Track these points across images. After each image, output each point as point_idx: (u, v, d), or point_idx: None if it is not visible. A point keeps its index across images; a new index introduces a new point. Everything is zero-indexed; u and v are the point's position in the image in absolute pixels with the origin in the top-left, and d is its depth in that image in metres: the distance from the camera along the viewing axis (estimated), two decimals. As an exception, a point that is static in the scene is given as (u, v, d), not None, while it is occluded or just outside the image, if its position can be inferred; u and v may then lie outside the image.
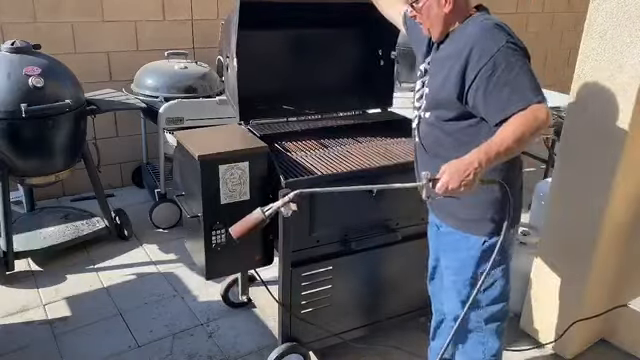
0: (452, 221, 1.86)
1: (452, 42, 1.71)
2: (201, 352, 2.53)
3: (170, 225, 3.66)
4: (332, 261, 2.25)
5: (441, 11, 1.68)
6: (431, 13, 1.70)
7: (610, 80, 2.17)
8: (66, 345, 2.55)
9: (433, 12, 1.70)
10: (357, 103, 2.76)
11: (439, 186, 1.51)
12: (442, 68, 1.71)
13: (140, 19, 4.06)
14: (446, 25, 1.71)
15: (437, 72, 1.75)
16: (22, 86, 2.76)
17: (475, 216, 1.78)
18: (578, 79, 2.28)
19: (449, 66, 1.66)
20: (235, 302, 2.84)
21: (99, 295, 2.95)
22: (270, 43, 2.60)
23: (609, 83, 2.17)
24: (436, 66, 1.77)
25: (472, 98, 1.61)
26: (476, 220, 1.79)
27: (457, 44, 1.67)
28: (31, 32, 3.62)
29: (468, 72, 1.60)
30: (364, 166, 2.23)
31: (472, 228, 1.80)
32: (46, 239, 3.20)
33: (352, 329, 2.42)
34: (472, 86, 1.60)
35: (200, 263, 2.21)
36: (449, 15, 1.69)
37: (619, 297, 2.57)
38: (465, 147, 1.57)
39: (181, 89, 3.55)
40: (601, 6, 2.15)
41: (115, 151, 4.17)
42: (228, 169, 2.04)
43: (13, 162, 2.90)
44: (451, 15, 1.69)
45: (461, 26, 1.70)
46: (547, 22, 6.46)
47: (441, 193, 1.51)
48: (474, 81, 1.59)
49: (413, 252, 2.41)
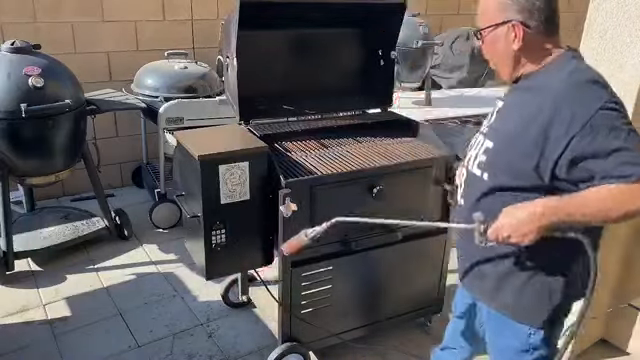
0: (496, 305, 1.55)
1: (529, 90, 1.40)
2: (201, 352, 2.53)
3: (170, 225, 3.66)
4: (332, 261, 2.25)
5: (509, 47, 1.39)
6: (497, 47, 1.43)
7: (610, 80, 2.16)
8: (66, 345, 2.55)
9: (499, 46, 1.42)
10: (357, 103, 2.76)
11: (490, 232, 1.33)
12: (512, 120, 1.41)
13: (140, 19, 4.07)
14: (516, 65, 1.42)
15: (505, 123, 1.45)
16: (22, 86, 2.76)
17: (526, 301, 1.47)
18: (578, 79, 2.28)
19: (523, 123, 1.35)
20: (235, 302, 2.84)
21: (99, 295, 2.95)
22: (270, 43, 2.60)
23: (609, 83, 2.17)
24: (505, 114, 1.48)
25: (561, 171, 1.30)
26: (525, 307, 1.48)
27: (536, 95, 1.35)
28: (31, 32, 3.62)
29: (553, 139, 1.28)
30: (364, 166, 2.23)
31: (520, 315, 1.50)
32: (46, 239, 3.20)
33: (352, 329, 2.42)
34: (561, 157, 1.28)
35: (200, 263, 2.20)
36: (518, 54, 1.40)
37: (619, 297, 2.57)
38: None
39: (181, 89, 3.55)
40: (601, 6, 2.15)
41: (115, 151, 4.17)
42: (228, 169, 2.04)
43: (13, 162, 2.90)
44: (521, 54, 1.40)
45: (541, 71, 1.41)
46: (547, 22, 6.44)
47: (493, 239, 1.34)
48: (564, 152, 1.27)
49: (413, 252, 2.41)
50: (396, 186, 2.25)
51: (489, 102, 4.44)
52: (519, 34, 1.38)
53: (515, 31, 1.38)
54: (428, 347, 2.29)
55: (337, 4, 2.56)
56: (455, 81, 5.13)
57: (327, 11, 2.58)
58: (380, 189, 2.18)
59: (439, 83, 5.18)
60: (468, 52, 5.02)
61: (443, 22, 5.54)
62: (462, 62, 5.08)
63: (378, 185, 2.18)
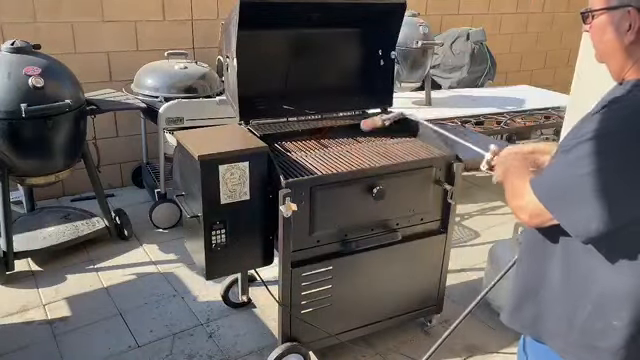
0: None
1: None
2: (201, 352, 2.53)
3: (170, 225, 3.66)
4: (332, 261, 2.25)
5: (620, 39, 1.14)
6: (606, 36, 1.18)
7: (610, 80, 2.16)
8: (66, 345, 2.55)
9: (608, 36, 1.17)
10: (357, 103, 2.76)
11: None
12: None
13: (140, 19, 4.06)
14: (625, 63, 1.17)
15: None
16: (22, 86, 2.76)
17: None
18: (578, 79, 2.28)
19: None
20: (235, 302, 2.84)
21: (99, 295, 2.95)
22: (270, 43, 2.60)
23: (609, 83, 2.17)
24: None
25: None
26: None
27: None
28: (31, 32, 3.62)
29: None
30: (364, 166, 2.23)
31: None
32: (46, 239, 3.20)
33: (352, 329, 2.42)
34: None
35: (200, 263, 2.20)
36: (631, 48, 1.15)
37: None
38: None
39: (181, 89, 3.55)
40: (601, 6, 2.15)
41: (115, 151, 4.17)
42: (228, 169, 2.04)
43: (13, 162, 2.90)
44: (635, 50, 1.15)
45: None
46: (547, 22, 6.46)
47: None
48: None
49: (413, 252, 2.42)
50: (396, 186, 2.25)
51: (489, 102, 4.48)
52: (635, 24, 1.12)
53: (631, 19, 1.12)
54: (428, 347, 2.29)
55: (337, 4, 2.56)
56: (455, 81, 5.13)
57: (327, 11, 2.57)
58: (380, 189, 2.18)
59: (439, 83, 5.18)
60: (468, 52, 5.03)
61: (443, 22, 5.54)
62: (462, 62, 5.08)
63: (378, 185, 2.18)
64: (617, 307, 1.17)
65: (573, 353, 1.27)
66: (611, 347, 1.19)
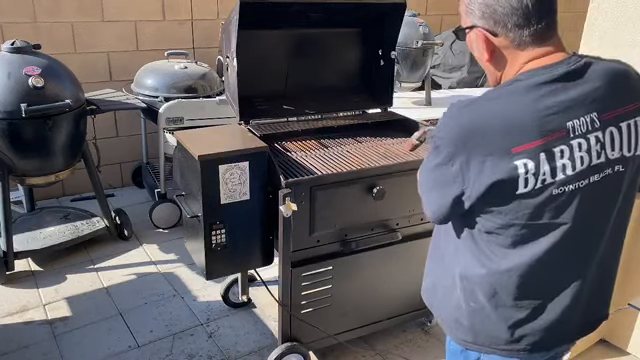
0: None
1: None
2: (201, 352, 2.53)
3: (170, 225, 3.66)
4: (332, 261, 2.25)
5: (482, 56, 1.21)
6: (474, 53, 1.25)
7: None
8: (66, 345, 2.55)
9: (475, 53, 1.24)
10: (357, 103, 2.76)
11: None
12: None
13: (140, 19, 4.07)
14: (495, 77, 1.25)
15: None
16: (22, 86, 2.76)
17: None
18: (578, 79, 2.28)
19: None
20: (235, 302, 2.84)
21: (99, 295, 2.95)
22: (270, 43, 2.60)
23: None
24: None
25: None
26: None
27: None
28: (31, 32, 3.62)
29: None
30: (364, 166, 2.23)
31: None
32: (46, 239, 3.20)
33: (352, 329, 2.42)
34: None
35: (200, 263, 2.21)
36: (491, 65, 1.22)
37: (620, 298, 2.57)
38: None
39: (181, 89, 3.55)
40: (601, 6, 2.15)
41: (115, 151, 4.17)
42: (228, 169, 2.04)
43: (13, 162, 2.90)
44: (494, 66, 1.22)
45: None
46: (547, 22, 6.45)
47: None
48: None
49: (413, 252, 2.41)
50: (396, 186, 2.24)
51: (489, 102, 4.45)
52: (481, 43, 1.18)
53: (480, 39, 1.18)
54: (428, 347, 2.29)
55: (337, 4, 2.56)
56: (455, 81, 5.13)
57: (327, 11, 2.58)
58: (380, 189, 2.18)
59: (439, 83, 5.18)
60: (468, 52, 5.02)
61: (443, 22, 5.54)
62: (462, 62, 5.09)
63: (378, 185, 2.18)
64: (472, 290, 1.27)
65: (447, 326, 1.40)
66: (471, 325, 1.30)
